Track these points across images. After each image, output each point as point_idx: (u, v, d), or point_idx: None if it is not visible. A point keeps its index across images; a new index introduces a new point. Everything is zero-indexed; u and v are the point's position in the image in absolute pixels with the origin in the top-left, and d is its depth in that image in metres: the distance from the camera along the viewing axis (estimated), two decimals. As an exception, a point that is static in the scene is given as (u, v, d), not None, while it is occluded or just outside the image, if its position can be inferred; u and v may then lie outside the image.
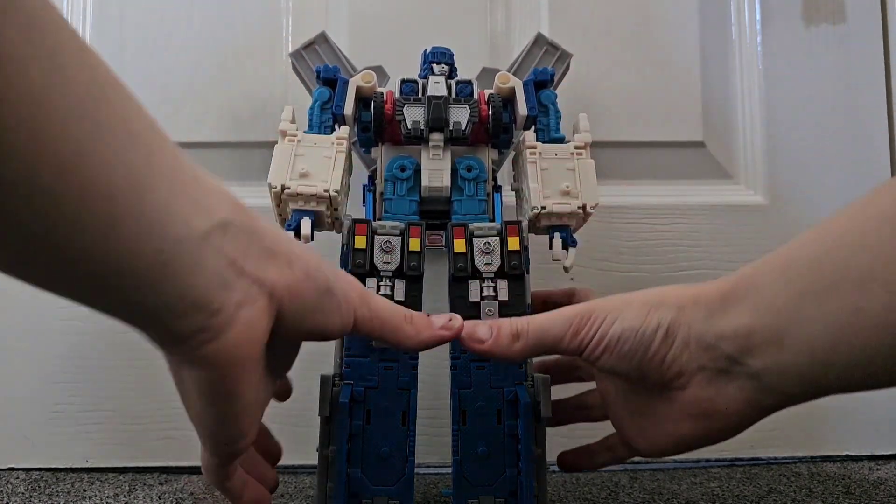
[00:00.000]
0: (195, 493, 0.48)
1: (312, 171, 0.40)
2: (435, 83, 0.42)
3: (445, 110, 0.41)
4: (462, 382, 0.37)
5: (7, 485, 0.50)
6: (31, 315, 0.54)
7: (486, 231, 0.39)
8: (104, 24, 0.57)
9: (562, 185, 0.41)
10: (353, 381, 0.36)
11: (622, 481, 0.51)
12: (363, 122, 0.43)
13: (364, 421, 0.36)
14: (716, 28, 0.60)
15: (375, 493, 0.35)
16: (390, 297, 0.37)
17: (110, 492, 0.48)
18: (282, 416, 0.54)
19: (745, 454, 0.56)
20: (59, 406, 0.54)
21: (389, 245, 0.38)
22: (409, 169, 0.41)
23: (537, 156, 0.42)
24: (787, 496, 0.47)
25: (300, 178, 0.39)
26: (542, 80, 0.44)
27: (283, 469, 0.54)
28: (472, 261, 0.38)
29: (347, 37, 0.58)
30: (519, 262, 0.38)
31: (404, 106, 0.41)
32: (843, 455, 0.56)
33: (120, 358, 0.54)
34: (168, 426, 0.54)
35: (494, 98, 0.42)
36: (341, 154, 0.41)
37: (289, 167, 0.40)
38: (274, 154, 0.40)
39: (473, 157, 0.42)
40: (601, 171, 0.59)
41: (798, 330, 0.29)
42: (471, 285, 0.38)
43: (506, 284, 0.38)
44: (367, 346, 0.37)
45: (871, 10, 0.60)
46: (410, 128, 0.41)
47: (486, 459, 0.36)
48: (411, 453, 0.36)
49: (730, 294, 0.31)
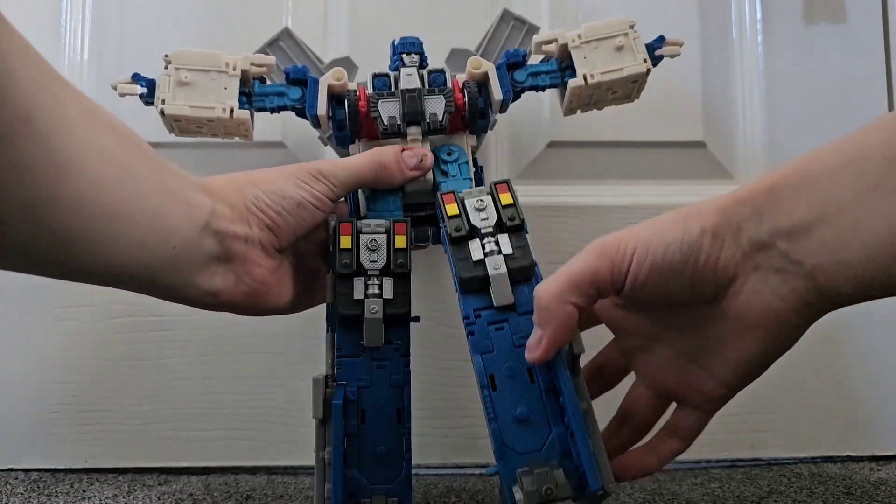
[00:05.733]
0: (195, 493, 0.48)
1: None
2: (407, 75, 0.42)
3: (420, 103, 0.41)
4: (483, 346, 0.35)
5: (6, 485, 0.50)
6: (30, 315, 0.54)
7: (475, 193, 0.38)
8: (104, 23, 0.57)
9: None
10: (345, 382, 0.36)
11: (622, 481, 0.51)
12: (337, 119, 0.42)
13: (359, 421, 0.36)
14: (716, 27, 0.60)
15: (373, 492, 0.35)
16: (378, 295, 0.37)
17: (109, 492, 0.48)
18: (280, 417, 0.54)
19: (746, 455, 0.56)
20: (59, 406, 0.54)
21: (375, 244, 0.37)
22: None
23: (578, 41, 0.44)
24: (788, 497, 0.47)
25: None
26: (514, 61, 0.44)
27: (283, 470, 0.54)
28: (468, 220, 0.37)
29: (347, 35, 0.58)
30: (515, 213, 0.37)
31: (378, 102, 0.41)
32: (844, 456, 0.56)
33: (119, 358, 0.54)
34: (168, 426, 0.54)
35: (469, 86, 0.42)
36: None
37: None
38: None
39: (452, 145, 0.42)
40: (601, 171, 0.59)
41: (864, 223, 0.27)
42: (471, 245, 0.37)
43: (507, 238, 0.36)
44: (359, 346, 0.37)
45: (872, 10, 0.60)
46: (387, 124, 0.40)
47: (526, 422, 0.33)
48: (408, 451, 0.36)
49: (781, 187, 0.30)
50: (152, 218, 0.32)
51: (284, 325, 0.54)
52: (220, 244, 0.35)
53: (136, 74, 0.43)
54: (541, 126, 0.58)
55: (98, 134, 0.30)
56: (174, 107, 0.42)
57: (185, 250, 0.34)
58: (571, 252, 0.33)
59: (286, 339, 0.54)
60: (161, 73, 0.42)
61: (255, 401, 0.54)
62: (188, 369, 0.54)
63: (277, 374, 0.54)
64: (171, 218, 0.33)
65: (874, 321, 0.57)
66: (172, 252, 0.33)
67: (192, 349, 0.54)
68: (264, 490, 0.49)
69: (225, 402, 0.54)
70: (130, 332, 0.54)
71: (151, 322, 0.54)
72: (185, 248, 0.34)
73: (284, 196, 0.37)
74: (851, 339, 0.57)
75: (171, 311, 0.55)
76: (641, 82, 0.45)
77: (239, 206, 0.36)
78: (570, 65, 0.44)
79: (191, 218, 0.34)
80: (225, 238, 0.35)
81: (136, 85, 0.43)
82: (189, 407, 0.54)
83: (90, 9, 0.57)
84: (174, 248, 0.33)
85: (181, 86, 0.42)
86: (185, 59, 0.43)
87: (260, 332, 0.55)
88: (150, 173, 0.33)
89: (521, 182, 0.57)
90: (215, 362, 0.54)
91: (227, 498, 0.47)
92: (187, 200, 0.34)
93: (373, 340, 0.36)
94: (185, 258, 0.34)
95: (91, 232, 0.30)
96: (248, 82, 0.44)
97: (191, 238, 0.34)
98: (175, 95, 0.42)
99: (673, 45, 0.45)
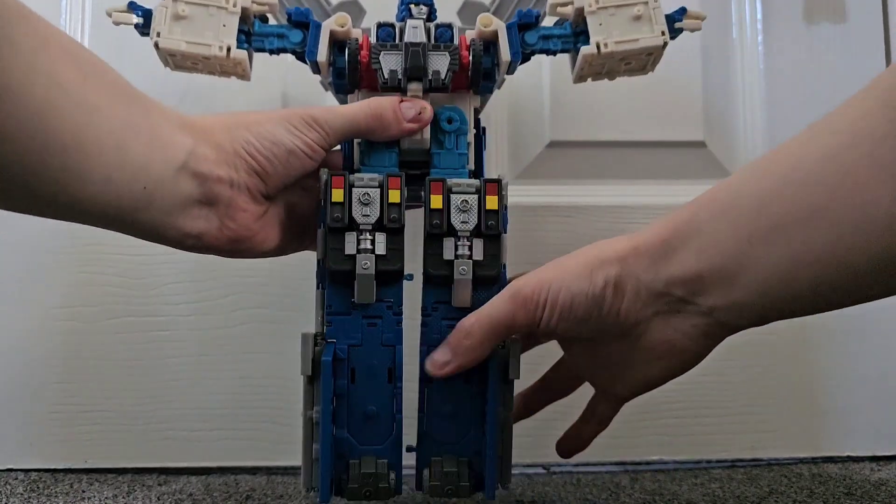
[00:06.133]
0: (194, 493, 0.48)
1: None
2: (413, 28, 0.40)
3: (424, 58, 0.39)
4: (431, 340, 0.36)
5: (6, 486, 0.49)
6: (30, 315, 0.54)
7: (464, 188, 0.37)
8: (103, 23, 0.57)
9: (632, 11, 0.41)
10: (335, 340, 0.36)
11: (623, 482, 0.51)
12: (338, 67, 0.41)
13: (349, 380, 0.35)
14: (717, 27, 0.60)
15: (362, 452, 0.35)
16: (371, 250, 0.36)
17: (109, 493, 0.48)
18: (280, 417, 0.54)
19: (747, 455, 0.56)
20: (59, 406, 0.54)
21: (368, 197, 0.36)
22: None
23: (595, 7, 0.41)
24: (789, 497, 0.47)
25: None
26: (526, 22, 0.42)
27: (283, 470, 0.54)
28: (448, 218, 0.36)
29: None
30: (496, 221, 0.37)
31: (380, 53, 0.39)
32: (844, 456, 0.56)
33: (119, 358, 0.54)
34: (167, 427, 0.54)
35: (476, 44, 0.40)
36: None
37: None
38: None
39: (454, 108, 0.40)
40: (601, 171, 0.59)
41: (748, 270, 0.30)
42: (445, 243, 0.36)
43: (481, 244, 0.36)
44: (349, 303, 0.36)
45: (873, 9, 0.60)
46: (387, 77, 0.39)
47: (452, 418, 0.36)
48: (399, 411, 0.36)
49: (672, 239, 0.32)
50: (115, 154, 0.30)
51: (284, 325, 0.55)
52: (201, 186, 0.34)
53: (132, 3, 0.41)
54: (541, 126, 0.58)
55: (54, 63, 0.29)
56: (169, 41, 0.40)
57: (159, 191, 0.32)
58: (569, 252, 0.34)
59: (286, 339, 0.54)
60: (158, 4, 0.41)
61: (255, 401, 0.54)
62: (188, 369, 0.54)
63: (277, 374, 0.54)
64: (138, 155, 0.31)
65: (875, 322, 0.57)
66: (143, 192, 0.32)
67: (192, 349, 0.54)
68: (264, 490, 0.49)
69: (225, 402, 0.54)
70: (130, 332, 0.54)
71: (151, 322, 0.54)
72: (158, 188, 0.32)
73: (276, 142, 0.35)
74: (852, 339, 0.57)
75: (171, 312, 0.55)
76: (657, 55, 0.43)
77: (226, 148, 0.34)
78: (585, 30, 0.42)
79: (165, 157, 0.32)
80: (207, 180, 0.34)
81: (132, 14, 0.41)
82: (189, 407, 0.54)
83: (90, 8, 0.57)
84: (144, 187, 0.32)
85: (178, 19, 0.40)
86: None
87: (260, 332, 0.55)
88: (109, 105, 0.31)
89: (521, 182, 0.57)
90: (215, 362, 0.54)
91: (227, 498, 0.47)
92: (160, 138, 0.32)
93: (364, 297, 0.35)
94: (161, 198, 0.32)
95: (41, 164, 0.28)
96: (248, 20, 0.42)
97: (164, 178, 0.32)
98: (171, 29, 0.40)
99: (695, 19, 0.43)
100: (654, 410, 0.55)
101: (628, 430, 0.55)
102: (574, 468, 0.54)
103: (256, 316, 0.55)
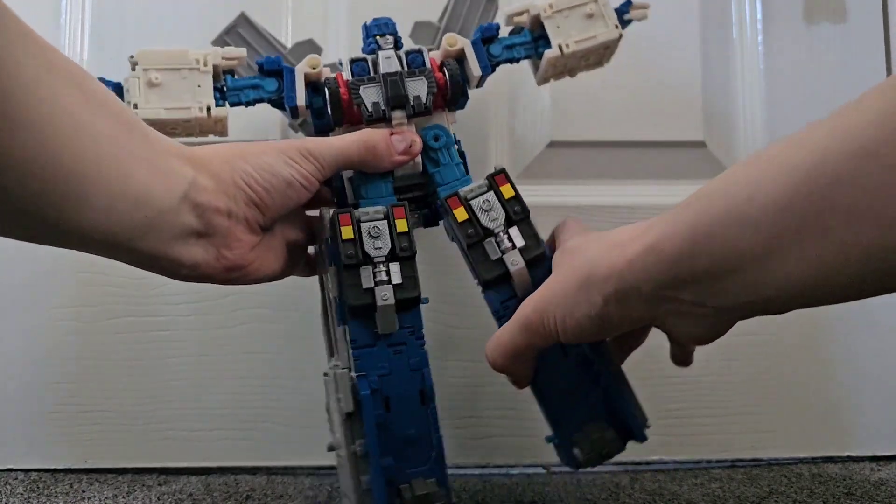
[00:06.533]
0: (194, 494, 0.48)
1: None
2: (386, 58, 0.41)
3: (403, 86, 0.40)
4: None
5: (6, 486, 0.49)
6: (30, 315, 0.54)
7: (477, 191, 0.39)
8: (103, 24, 0.57)
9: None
10: (365, 372, 0.36)
11: (623, 482, 0.51)
12: (316, 108, 0.41)
13: (384, 409, 0.36)
14: (716, 27, 0.60)
15: (410, 476, 0.36)
16: (387, 281, 0.36)
17: (109, 493, 0.48)
18: (280, 417, 0.54)
19: (747, 455, 0.56)
20: (59, 406, 0.54)
21: (377, 230, 0.37)
22: None
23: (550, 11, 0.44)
24: (789, 497, 0.47)
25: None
26: (488, 35, 0.44)
27: (283, 470, 0.54)
28: (479, 223, 0.38)
29: (347, 35, 0.58)
30: (521, 205, 0.39)
31: (359, 88, 0.40)
32: (844, 456, 0.56)
33: (119, 358, 0.54)
34: (167, 427, 0.54)
35: (450, 64, 0.41)
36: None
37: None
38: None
39: (436, 126, 0.41)
40: (601, 171, 0.59)
41: (776, 272, 0.28)
42: (487, 246, 0.38)
43: (517, 231, 0.38)
44: (373, 335, 0.37)
45: (873, 9, 0.60)
46: (371, 110, 0.40)
47: (571, 394, 0.39)
48: (436, 430, 0.36)
49: (666, 248, 0.31)
50: (117, 183, 0.30)
51: (284, 325, 0.55)
52: (200, 218, 0.34)
53: (100, 79, 0.41)
54: (541, 126, 0.58)
55: (57, 90, 0.28)
56: (148, 110, 0.40)
57: (159, 220, 0.32)
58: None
59: (286, 339, 0.54)
60: (129, 76, 0.41)
61: (255, 401, 0.54)
62: (188, 369, 0.54)
63: (277, 374, 0.54)
64: (140, 184, 0.31)
65: (875, 321, 0.57)
66: (144, 220, 0.32)
67: (192, 349, 0.54)
68: (264, 490, 0.49)
69: (225, 402, 0.54)
70: (130, 332, 0.54)
71: (151, 322, 0.54)
72: (159, 217, 0.32)
73: (274, 174, 0.36)
74: (852, 339, 0.57)
75: (171, 312, 0.55)
76: (613, 48, 0.46)
77: (225, 179, 0.35)
78: (543, 34, 0.44)
79: (167, 187, 0.32)
80: (206, 212, 0.34)
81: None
82: (189, 407, 0.54)
83: (90, 8, 0.57)
84: (146, 216, 0.32)
85: (152, 87, 0.40)
86: (152, 58, 0.41)
87: (260, 332, 0.55)
88: (113, 134, 0.31)
89: (521, 182, 0.56)
90: (215, 362, 0.54)
91: (227, 498, 0.47)
92: (161, 168, 0.32)
93: (387, 327, 0.36)
94: (161, 228, 0.32)
95: (42, 191, 0.28)
96: (218, 77, 0.42)
97: (166, 208, 0.32)
98: (147, 98, 0.40)
99: (640, 9, 0.46)
100: (654, 410, 0.55)
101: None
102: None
103: (256, 316, 0.55)
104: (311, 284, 0.42)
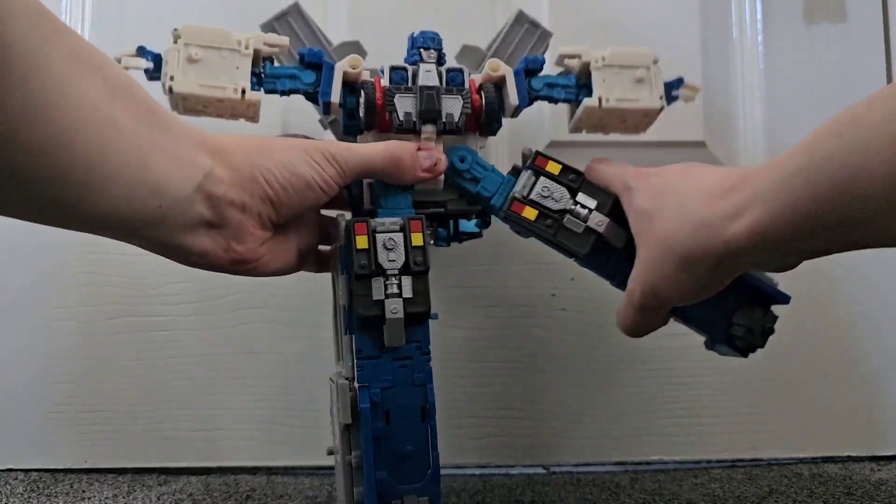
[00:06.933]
0: (194, 494, 0.48)
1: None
2: (426, 72, 0.41)
3: (438, 101, 0.40)
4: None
5: (6, 486, 0.49)
6: (30, 315, 0.54)
7: (528, 185, 0.40)
8: (103, 24, 0.57)
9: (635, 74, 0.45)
10: (368, 384, 0.36)
11: (623, 482, 0.51)
12: (349, 108, 0.41)
13: (384, 422, 0.36)
14: (716, 27, 0.60)
15: (403, 492, 0.35)
16: (398, 294, 0.36)
17: (109, 493, 0.48)
18: (280, 417, 0.54)
19: (747, 455, 0.56)
20: (59, 406, 0.54)
21: (392, 243, 0.37)
22: None
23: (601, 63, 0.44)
24: (789, 497, 0.47)
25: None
26: (532, 68, 0.44)
27: (283, 470, 0.54)
28: (553, 211, 0.39)
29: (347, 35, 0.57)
30: (573, 172, 0.41)
31: (395, 96, 0.40)
32: (844, 456, 0.56)
33: (119, 358, 0.54)
34: (167, 427, 0.54)
35: (488, 88, 0.41)
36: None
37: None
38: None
39: (464, 147, 0.41)
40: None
41: (889, 230, 0.29)
42: (569, 225, 0.40)
43: (583, 195, 0.40)
44: (379, 346, 0.36)
45: (872, 9, 0.60)
46: (402, 119, 0.39)
47: (710, 307, 0.39)
48: (434, 448, 0.36)
49: (790, 230, 0.31)
50: (136, 170, 0.30)
51: (285, 325, 0.55)
52: (213, 209, 0.34)
53: (141, 48, 0.41)
54: (541, 126, 0.58)
55: (80, 77, 0.29)
56: (183, 84, 0.40)
57: (172, 208, 0.32)
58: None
59: (287, 339, 0.54)
60: (169, 48, 0.41)
61: (255, 401, 0.54)
62: (188, 369, 0.54)
63: (277, 374, 0.54)
64: (159, 173, 0.31)
65: (875, 321, 0.57)
66: (159, 210, 0.32)
67: (192, 349, 0.54)
68: (264, 490, 0.49)
69: (225, 402, 0.54)
70: (130, 332, 0.54)
71: (151, 322, 0.54)
72: (173, 207, 0.32)
73: (295, 173, 0.35)
74: (852, 339, 0.57)
75: (171, 312, 0.55)
76: (652, 118, 0.46)
77: (244, 172, 0.34)
78: (588, 84, 0.44)
79: (184, 176, 0.32)
80: (219, 203, 0.33)
81: (142, 59, 0.41)
82: (189, 407, 0.54)
83: (90, 8, 0.57)
84: (161, 205, 0.32)
85: (191, 63, 0.40)
86: (196, 34, 0.41)
87: (260, 333, 0.55)
88: (135, 122, 0.31)
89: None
90: (215, 362, 0.54)
91: (227, 498, 0.47)
92: (180, 157, 0.32)
93: (394, 341, 0.36)
94: (173, 217, 0.32)
95: (63, 179, 0.28)
96: (258, 62, 0.42)
97: (180, 197, 0.32)
98: (185, 73, 0.40)
99: (690, 90, 0.48)
100: (654, 410, 0.56)
101: (628, 430, 0.55)
102: (574, 468, 0.54)
103: (256, 316, 0.55)
104: (312, 285, 0.42)
